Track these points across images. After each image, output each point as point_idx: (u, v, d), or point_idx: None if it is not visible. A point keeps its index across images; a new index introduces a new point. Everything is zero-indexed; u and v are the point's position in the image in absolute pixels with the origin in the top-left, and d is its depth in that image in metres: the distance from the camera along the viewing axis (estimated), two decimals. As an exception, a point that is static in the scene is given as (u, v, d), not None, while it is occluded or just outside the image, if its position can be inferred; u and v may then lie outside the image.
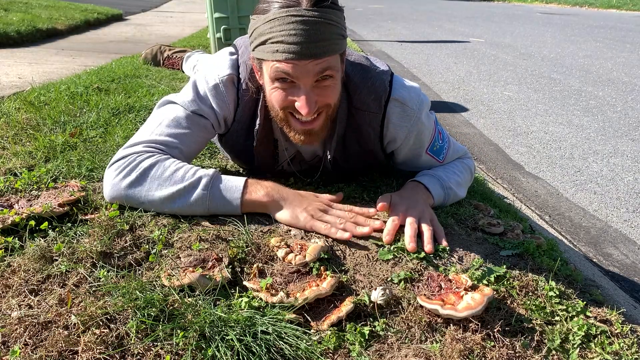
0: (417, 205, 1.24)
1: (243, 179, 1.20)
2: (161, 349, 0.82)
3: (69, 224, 1.13)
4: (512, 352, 0.89)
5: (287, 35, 1.05)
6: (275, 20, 1.05)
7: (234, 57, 1.30)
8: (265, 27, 1.07)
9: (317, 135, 1.22)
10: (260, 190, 1.19)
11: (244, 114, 1.30)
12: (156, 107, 1.30)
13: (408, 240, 1.13)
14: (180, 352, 0.81)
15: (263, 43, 1.09)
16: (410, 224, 1.16)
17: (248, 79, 1.26)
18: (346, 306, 0.93)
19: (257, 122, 1.29)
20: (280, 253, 1.06)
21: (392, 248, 1.12)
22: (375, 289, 0.96)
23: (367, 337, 0.89)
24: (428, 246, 1.13)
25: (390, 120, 1.31)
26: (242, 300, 0.93)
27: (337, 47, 1.11)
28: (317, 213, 1.19)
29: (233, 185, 1.18)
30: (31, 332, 0.84)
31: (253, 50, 1.13)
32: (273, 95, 1.15)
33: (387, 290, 0.96)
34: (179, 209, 1.17)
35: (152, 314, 0.87)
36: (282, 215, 1.19)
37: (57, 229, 1.12)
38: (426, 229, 1.17)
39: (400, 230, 1.17)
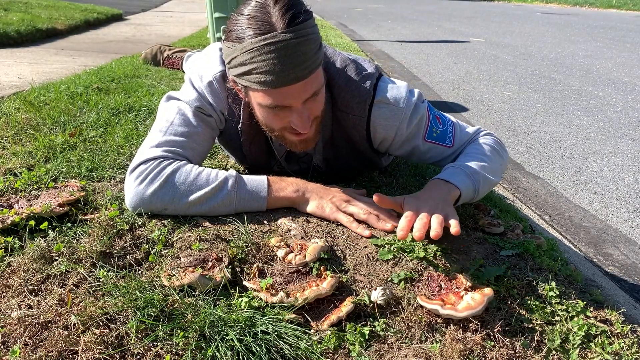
0: (429, 201, 1.16)
1: (263, 176, 1.24)
2: (161, 349, 0.82)
3: (69, 224, 1.13)
4: (512, 352, 0.89)
5: (271, 65, 1.03)
6: (255, 51, 1.03)
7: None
8: (245, 57, 1.05)
9: (312, 140, 1.25)
10: (288, 186, 1.24)
11: (233, 111, 1.32)
12: (162, 104, 1.30)
13: (416, 229, 1.06)
14: (180, 352, 0.81)
15: (248, 73, 1.07)
16: (420, 217, 1.09)
17: (231, 100, 1.27)
18: (346, 306, 0.93)
19: (240, 121, 1.31)
20: (280, 253, 1.06)
21: (392, 248, 1.12)
22: (375, 289, 0.96)
23: (367, 337, 0.89)
24: (433, 232, 1.02)
25: (377, 122, 1.30)
26: (242, 300, 0.93)
27: (318, 60, 1.10)
28: (342, 204, 1.23)
29: (257, 183, 1.22)
30: (31, 332, 0.84)
31: (236, 76, 1.12)
32: (267, 117, 1.16)
33: (387, 290, 0.96)
34: (204, 211, 1.19)
35: (152, 314, 0.87)
36: (308, 207, 1.24)
37: (57, 229, 1.12)
38: (435, 217, 1.07)
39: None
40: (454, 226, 1.05)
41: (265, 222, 1.20)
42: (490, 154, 1.34)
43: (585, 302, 1.04)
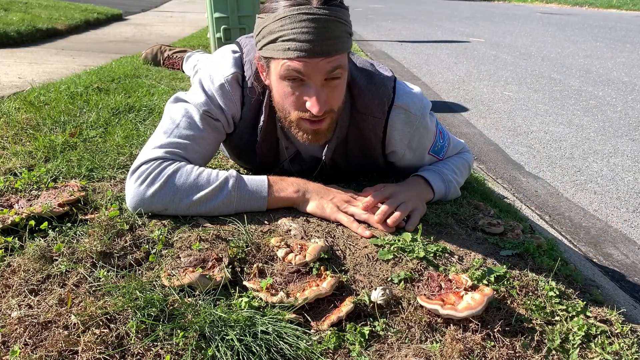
0: (407, 193, 1.28)
1: (264, 176, 1.24)
2: (161, 349, 0.82)
3: (69, 224, 1.13)
4: (512, 352, 0.89)
5: (299, 33, 1.05)
6: (286, 19, 1.06)
7: (237, 55, 1.31)
8: (275, 25, 1.07)
9: (323, 135, 1.23)
10: (288, 187, 1.24)
11: (249, 111, 1.31)
12: (168, 105, 1.30)
13: (377, 213, 1.20)
14: (180, 352, 0.81)
15: (273, 41, 1.09)
16: (385, 204, 1.22)
17: (254, 79, 1.27)
18: (346, 306, 0.93)
19: (262, 118, 1.30)
20: (280, 253, 1.06)
21: (392, 248, 1.12)
22: (375, 289, 0.96)
23: (367, 337, 0.89)
24: (391, 219, 1.20)
25: (393, 127, 1.32)
26: (242, 300, 0.93)
27: (346, 45, 1.12)
28: (342, 204, 1.24)
29: (258, 183, 1.22)
30: (31, 332, 0.84)
31: (260, 49, 1.14)
32: (284, 96, 1.16)
33: (387, 290, 0.96)
34: (205, 212, 1.19)
35: (152, 314, 0.87)
36: (309, 207, 1.24)
37: (57, 229, 1.12)
38: (397, 213, 1.20)
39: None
40: (410, 224, 1.21)
41: (265, 222, 1.20)
42: (464, 171, 1.52)
43: (585, 302, 1.04)
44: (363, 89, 1.29)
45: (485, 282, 1.04)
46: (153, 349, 0.82)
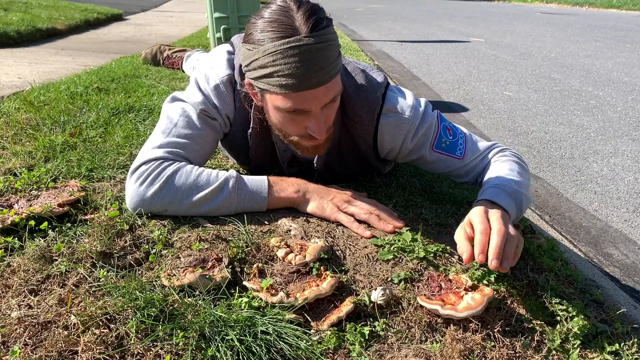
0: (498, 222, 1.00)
1: (264, 177, 1.24)
2: (161, 349, 0.82)
3: (69, 224, 1.13)
4: (512, 352, 0.89)
5: (294, 68, 1.03)
6: (277, 54, 1.03)
7: (232, 56, 1.31)
8: (267, 60, 1.05)
9: (323, 147, 1.25)
10: (289, 187, 1.24)
11: (240, 115, 1.32)
12: (165, 105, 1.30)
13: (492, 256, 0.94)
14: (180, 352, 0.81)
15: (268, 76, 1.06)
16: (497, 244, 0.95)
17: (239, 104, 1.28)
18: (346, 306, 0.93)
19: (251, 125, 1.31)
20: (280, 253, 1.06)
21: (392, 248, 1.12)
22: (375, 289, 0.96)
23: (367, 337, 0.89)
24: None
25: (384, 131, 1.30)
26: (242, 300, 0.93)
27: (338, 66, 1.11)
28: (343, 204, 1.24)
29: (258, 184, 1.22)
30: (31, 332, 0.84)
31: (254, 79, 1.11)
32: (283, 123, 1.16)
33: (387, 290, 0.96)
34: (205, 212, 1.19)
35: (152, 314, 0.87)
36: (309, 208, 1.24)
37: (57, 229, 1.12)
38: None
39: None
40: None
41: (265, 222, 1.20)
42: (521, 170, 1.28)
43: (585, 302, 1.04)
44: (352, 96, 1.28)
45: (485, 282, 1.04)
46: (153, 349, 0.82)
